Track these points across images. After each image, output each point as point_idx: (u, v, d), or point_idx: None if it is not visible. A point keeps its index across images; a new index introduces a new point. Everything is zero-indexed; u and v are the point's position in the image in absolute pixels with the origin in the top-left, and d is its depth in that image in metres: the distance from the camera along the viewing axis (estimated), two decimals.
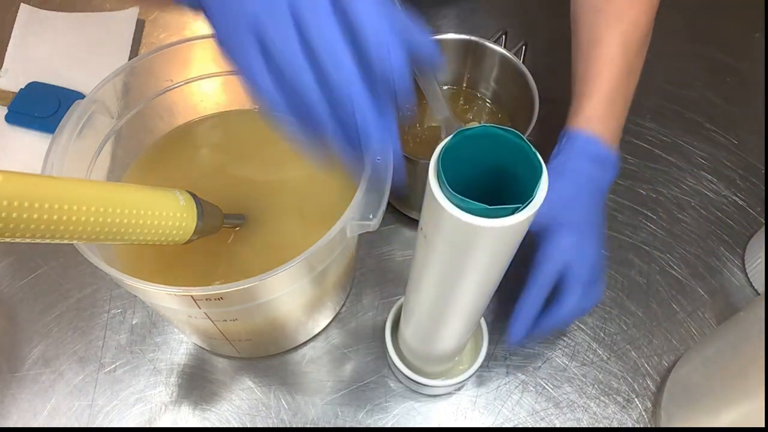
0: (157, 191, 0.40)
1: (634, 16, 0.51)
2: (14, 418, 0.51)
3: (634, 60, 0.51)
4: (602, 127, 0.48)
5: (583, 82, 0.50)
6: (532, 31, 0.64)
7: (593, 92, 0.49)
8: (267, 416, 0.51)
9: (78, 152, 0.43)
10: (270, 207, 0.50)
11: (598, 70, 0.50)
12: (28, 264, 0.59)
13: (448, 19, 0.77)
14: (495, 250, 0.29)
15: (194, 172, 0.52)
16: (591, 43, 0.51)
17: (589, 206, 0.47)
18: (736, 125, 0.69)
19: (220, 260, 0.47)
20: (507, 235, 0.28)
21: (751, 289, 0.59)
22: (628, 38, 0.50)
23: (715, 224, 0.62)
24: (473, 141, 0.28)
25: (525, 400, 0.52)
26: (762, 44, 0.76)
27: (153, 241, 0.39)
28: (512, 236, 0.28)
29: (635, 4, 0.51)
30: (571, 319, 0.48)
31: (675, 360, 0.54)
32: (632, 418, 0.52)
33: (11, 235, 0.29)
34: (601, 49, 0.50)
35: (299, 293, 0.45)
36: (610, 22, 0.51)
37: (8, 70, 0.70)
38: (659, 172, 0.66)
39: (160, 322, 0.56)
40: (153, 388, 0.53)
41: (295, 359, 0.54)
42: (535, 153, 0.27)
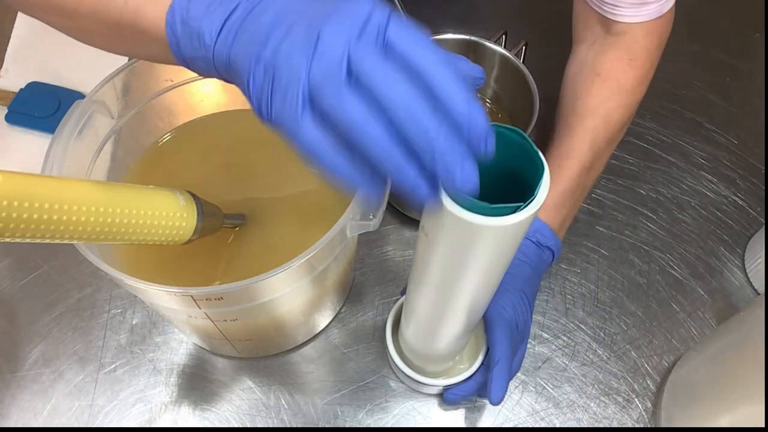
0: (157, 191, 0.40)
1: (607, 112, 0.53)
2: (14, 418, 0.51)
3: (600, 155, 0.53)
4: (555, 218, 0.51)
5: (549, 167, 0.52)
6: (532, 31, 0.64)
7: (553, 183, 0.51)
8: (267, 416, 0.51)
9: (78, 152, 0.43)
10: (270, 207, 0.50)
11: (561, 163, 0.52)
12: (28, 264, 0.59)
13: (448, 19, 0.77)
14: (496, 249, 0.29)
15: (194, 172, 0.52)
16: (564, 130, 0.53)
17: (526, 281, 0.49)
18: (736, 125, 0.69)
19: (220, 260, 0.47)
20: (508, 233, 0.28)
21: (751, 289, 0.59)
22: (597, 134, 0.52)
23: (715, 224, 0.62)
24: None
25: (525, 400, 0.52)
26: (762, 44, 0.76)
27: (153, 241, 0.39)
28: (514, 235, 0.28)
29: (612, 99, 0.53)
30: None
31: (675, 360, 0.54)
32: (632, 418, 0.52)
33: (11, 235, 0.29)
34: (570, 141, 0.52)
35: (299, 293, 0.45)
36: (583, 114, 0.53)
37: (8, 70, 0.70)
38: (659, 172, 0.66)
39: (160, 322, 0.56)
40: (153, 388, 0.53)
41: (295, 359, 0.54)
42: (537, 151, 0.27)
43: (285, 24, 0.26)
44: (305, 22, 0.26)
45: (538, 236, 0.50)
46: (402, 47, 0.25)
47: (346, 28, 0.25)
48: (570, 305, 0.57)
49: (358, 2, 0.25)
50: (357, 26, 0.25)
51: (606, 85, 0.53)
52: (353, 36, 0.24)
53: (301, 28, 0.26)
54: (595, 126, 0.52)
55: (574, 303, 0.57)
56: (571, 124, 0.53)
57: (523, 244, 0.49)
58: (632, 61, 0.53)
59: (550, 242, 0.50)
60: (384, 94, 0.24)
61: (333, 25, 0.25)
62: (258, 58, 0.27)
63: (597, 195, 0.64)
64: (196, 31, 0.29)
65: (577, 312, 0.57)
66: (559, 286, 0.58)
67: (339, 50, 0.24)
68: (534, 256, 0.49)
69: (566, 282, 0.58)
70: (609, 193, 0.64)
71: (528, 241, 0.50)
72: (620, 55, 0.53)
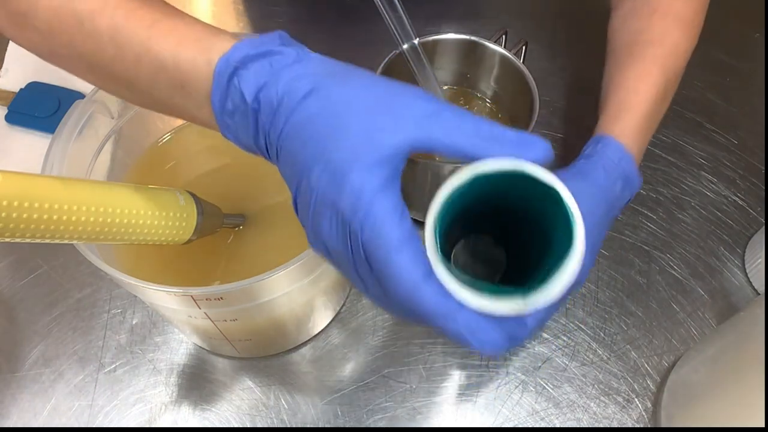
0: (157, 191, 0.40)
1: (674, 40, 0.50)
2: (14, 418, 0.51)
3: (671, 85, 0.50)
4: (635, 143, 0.46)
5: (620, 93, 0.48)
6: (532, 31, 0.64)
7: (632, 105, 0.47)
8: (267, 416, 0.51)
9: (78, 152, 0.44)
10: (270, 207, 0.50)
11: (636, 84, 0.48)
12: (28, 264, 0.58)
13: (448, 19, 0.77)
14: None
15: (194, 172, 0.52)
16: (630, 57, 0.49)
17: (598, 219, 0.43)
18: (736, 125, 0.69)
19: (220, 260, 0.47)
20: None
21: (751, 289, 0.59)
22: (666, 61, 0.49)
23: (715, 224, 0.62)
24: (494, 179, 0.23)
25: (525, 400, 0.52)
26: (762, 44, 0.76)
27: (153, 241, 0.39)
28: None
29: (676, 29, 0.50)
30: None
31: (675, 360, 0.54)
32: (632, 418, 0.52)
33: (11, 235, 0.29)
34: (641, 64, 0.48)
35: (299, 293, 0.45)
36: (649, 43, 0.49)
37: (8, 70, 0.70)
38: (659, 172, 0.66)
39: (160, 322, 0.56)
40: (153, 388, 0.53)
41: (295, 359, 0.54)
42: (574, 217, 0.23)
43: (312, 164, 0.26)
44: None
45: (623, 165, 0.44)
46: (375, 266, 0.24)
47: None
48: (570, 305, 0.57)
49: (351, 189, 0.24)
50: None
51: (667, 18, 0.50)
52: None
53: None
54: (664, 53, 0.49)
55: (574, 303, 0.57)
56: (637, 53, 0.49)
57: (599, 177, 0.43)
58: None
59: (632, 173, 0.45)
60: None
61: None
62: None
63: None
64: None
65: (577, 312, 0.57)
66: None
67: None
68: (610, 190, 0.44)
69: None
70: None
71: (609, 171, 0.44)
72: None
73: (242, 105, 0.27)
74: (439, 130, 0.24)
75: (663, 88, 0.48)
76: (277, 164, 0.29)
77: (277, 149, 0.28)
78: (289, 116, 0.26)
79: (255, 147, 0.29)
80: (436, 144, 0.24)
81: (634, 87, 0.48)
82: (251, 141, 0.29)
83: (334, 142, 0.25)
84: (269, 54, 0.28)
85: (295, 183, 0.27)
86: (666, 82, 0.49)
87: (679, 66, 0.50)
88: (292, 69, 0.27)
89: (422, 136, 0.24)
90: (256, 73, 0.27)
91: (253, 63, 0.27)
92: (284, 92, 0.26)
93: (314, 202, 0.25)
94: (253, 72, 0.27)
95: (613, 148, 0.45)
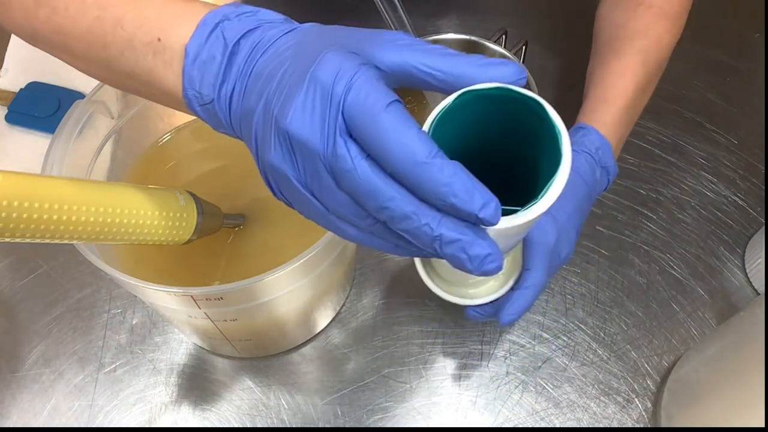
0: (157, 191, 0.40)
1: (657, 33, 0.51)
2: (14, 418, 0.51)
3: (652, 78, 0.51)
4: (613, 134, 0.48)
5: (602, 87, 0.50)
6: (532, 31, 0.64)
7: (611, 99, 0.49)
8: (267, 416, 0.51)
9: (78, 152, 0.44)
10: (270, 207, 0.50)
11: (616, 78, 0.49)
12: (28, 264, 0.58)
13: (448, 19, 0.77)
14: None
15: (194, 172, 0.52)
16: (612, 52, 0.51)
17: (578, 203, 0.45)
18: (736, 125, 0.69)
19: (220, 260, 0.47)
20: (512, 233, 0.24)
21: (751, 289, 0.59)
22: (648, 55, 0.50)
23: (715, 224, 0.62)
24: (481, 103, 0.23)
25: (525, 400, 0.52)
26: (762, 44, 0.76)
27: (153, 241, 0.39)
28: (518, 236, 0.26)
29: (659, 22, 0.51)
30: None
31: (675, 360, 0.54)
32: (632, 418, 0.52)
33: (11, 235, 0.29)
34: (622, 59, 0.50)
35: (299, 293, 0.45)
36: (632, 36, 0.51)
37: (8, 70, 0.70)
38: (659, 172, 0.66)
39: (160, 322, 0.56)
40: (153, 388, 0.53)
41: (295, 359, 0.54)
42: (559, 131, 0.23)
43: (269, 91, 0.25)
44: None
45: (600, 154, 0.47)
46: (359, 132, 0.22)
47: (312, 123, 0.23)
48: (570, 305, 0.57)
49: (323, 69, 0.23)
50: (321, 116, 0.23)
51: (650, 11, 0.51)
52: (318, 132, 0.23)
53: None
54: (646, 46, 0.50)
55: (574, 303, 0.57)
56: (619, 47, 0.51)
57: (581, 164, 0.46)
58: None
59: (609, 162, 0.47)
60: (362, 188, 0.22)
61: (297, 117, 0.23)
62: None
63: None
64: (214, 112, 0.29)
65: (577, 312, 0.57)
66: (559, 286, 0.58)
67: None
68: (591, 176, 0.46)
69: (566, 282, 0.58)
70: (609, 193, 0.64)
71: (588, 158, 0.46)
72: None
73: (219, 52, 0.27)
74: (418, 56, 0.24)
75: (644, 81, 0.50)
76: (233, 120, 0.28)
77: (242, 91, 0.27)
78: (270, 46, 0.26)
79: (215, 103, 0.28)
80: (414, 68, 0.23)
81: (613, 82, 0.49)
82: (213, 93, 0.28)
83: (311, 48, 0.24)
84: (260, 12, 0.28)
85: (263, 100, 0.25)
86: (647, 75, 0.50)
87: (661, 58, 0.51)
88: (277, 24, 0.28)
89: (399, 59, 0.24)
90: (242, 22, 0.27)
91: (240, 16, 0.28)
92: (267, 34, 0.27)
93: (285, 90, 0.24)
94: (238, 22, 0.27)
95: (592, 138, 0.47)
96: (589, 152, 0.46)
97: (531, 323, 0.56)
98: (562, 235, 0.43)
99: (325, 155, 0.22)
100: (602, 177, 0.47)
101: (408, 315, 0.56)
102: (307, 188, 0.24)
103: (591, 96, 0.51)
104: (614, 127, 0.48)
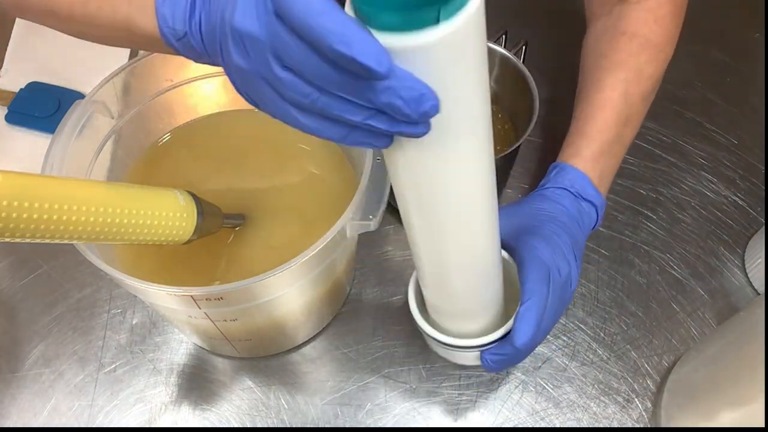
0: (157, 191, 0.40)
1: (638, 64, 0.50)
2: (14, 418, 0.51)
3: (635, 109, 0.51)
4: (593, 169, 0.48)
5: (581, 121, 0.50)
6: (532, 31, 0.64)
7: (590, 133, 0.49)
8: (267, 416, 0.51)
9: (78, 152, 0.44)
10: (270, 207, 0.50)
11: (596, 112, 0.49)
12: (28, 264, 0.59)
13: None
14: (452, 92, 0.24)
15: (194, 172, 0.52)
16: (593, 85, 0.51)
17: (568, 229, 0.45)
18: (736, 125, 0.69)
19: (220, 260, 0.47)
20: (444, 56, 0.22)
21: (751, 289, 0.59)
22: (629, 86, 0.50)
23: (715, 224, 0.62)
24: None
25: (525, 400, 0.52)
26: (762, 44, 0.76)
27: (153, 241, 0.39)
28: (459, 60, 0.23)
29: (642, 53, 0.50)
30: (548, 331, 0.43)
31: (675, 360, 0.54)
32: (632, 418, 0.52)
33: (11, 235, 0.29)
34: (602, 92, 0.50)
35: (299, 293, 0.45)
36: (613, 68, 0.50)
37: (8, 70, 0.70)
38: (659, 172, 0.66)
39: (160, 322, 0.56)
40: (153, 388, 0.53)
41: (295, 359, 0.54)
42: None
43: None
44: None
45: (577, 187, 0.47)
46: (279, 7, 0.24)
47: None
48: (570, 305, 0.57)
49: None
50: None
51: (634, 41, 0.51)
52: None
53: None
54: (626, 78, 0.50)
55: (574, 303, 0.57)
56: (600, 78, 0.51)
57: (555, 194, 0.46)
58: (658, 20, 0.51)
59: (589, 193, 0.47)
60: (298, 57, 0.25)
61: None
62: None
63: None
64: (189, 44, 0.32)
65: (577, 312, 0.57)
66: None
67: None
68: (571, 206, 0.46)
69: None
70: (609, 193, 0.64)
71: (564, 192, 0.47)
72: (644, 16, 0.51)
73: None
74: None
75: (625, 113, 0.50)
76: (207, 45, 0.31)
77: (207, 15, 0.31)
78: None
79: (187, 36, 0.32)
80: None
81: (592, 114, 0.50)
82: (185, 26, 0.31)
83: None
84: None
85: (221, 14, 0.29)
86: (628, 108, 0.50)
87: (644, 90, 0.51)
88: None
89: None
90: None
91: None
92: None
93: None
94: None
95: (565, 173, 0.48)
96: (564, 187, 0.47)
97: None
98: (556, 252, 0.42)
99: (267, 40, 0.26)
100: (589, 209, 0.47)
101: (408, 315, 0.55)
102: (262, 78, 0.27)
103: (571, 130, 0.51)
104: (593, 161, 0.48)
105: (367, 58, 0.21)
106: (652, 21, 0.51)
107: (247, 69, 0.28)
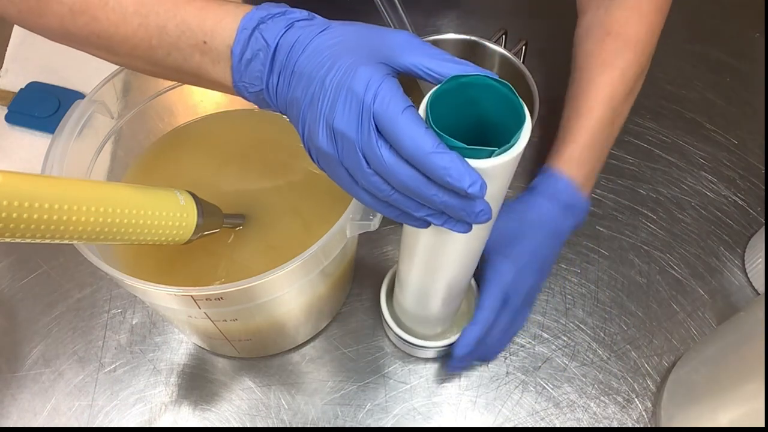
0: (157, 191, 0.40)
1: (623, 64, 0.52)
2: (14, 418, 0.51)
3: (619, 107, 0.53)
4: (578, 171, 0.51)
5: (567, 126, 0.53)
6: (532, 31, 0.64)
7: (574, 137, 0.52)
8: (267, 416, 0.51)
9: (78, 152, 0.44)
10: (270, 207, 0.50)
11: (581, 116, 0.52)
12: (28, 264, 0.59)
13: (448, 19, 0.77)
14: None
15: (194, 172, 0.52)
16: (579, 88, 0.54)
17: (540, 246, 0.49)
18: (736, 125, 0.69)
19: (220, 260, 0.47)
20: (489, 177, 0.29)
21: (751, 289, 0.59)
22: (614, 88, 0.52)
23: (715, 224, 0.62)
24: (465, 89, 0.29)
25: (525, 400, 0.52)
26: (762, 44, 0.76)
27: (153, 241, 0.39)
28: (496, 180, 0.30)
29: (626, 54, 0.52)
30: (500, 344, 0.52)
31: (675, 360, 0.54)
32: (632, 418, 0.52)
33: (11, 235, 0.29)
34: (587, 95, 0.53)
35: (299, 293, 0.45)
36: (599, 69, 0.53)
37: (8, 70, 0.70)
38: (659, 172, 0.66)
39: (160, 322, 0.56)
40: (153, 388, 0.53)
41: (295, 359, 0.54)
42: (522, 104, 0.29)
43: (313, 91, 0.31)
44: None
45: (561, 191, 0.50)
46: (384, 129, 0.28)
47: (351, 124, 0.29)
48: (570, 305, 0.57)
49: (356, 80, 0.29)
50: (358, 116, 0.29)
51: (618, 41, 0.53)
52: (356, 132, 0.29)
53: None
54: (611, 80, 0.52)
55: (574, 303, 0.57)
56: (586, 79, 0.53)
57: (538, 205, 0.50)
58: (642, 17, 0.53)
59: (574, 198, 0.50)
60: (385, 169, 0.29)
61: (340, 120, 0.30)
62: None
63: (597, 195, 0.64)
64: (262, 98, 0.34)
65: (577, 312, 0.57)
66: (559, 286, 0.58)
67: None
68: (552, 217, 0.49)
69: (566, 282, 0.58)
70: (609, 193, 0.64)
71: (546, 203, 0.50)
72: (628, 13, 0.53)
73: (262, 50, 0.33)
74: (423, 60, 0.30)
75: (610, 114, 0.52)
76: (279, 105, 0.34)
77: (287, 84, 0.32)
78: (307, 46, 0.32)
79: (264, 92, 0.34)
80: (419, 70, 0.30)
81: (576, 116, 0.52)
82: (263, 83, 0.33)
83: (345, 56, 0.30)
84: (288, 12, 0.33)
85: (309, 96, 0.31)
86: (613, 109, 0.52)
87: (628, 89, 0.53)
88: (306, 21, 0.33)
89: (409, 62, 0.30)
90: (276, 24, 0.33)
91: (274, 18, 0.33)
92: (301, 34, 0.32)
93: (329, 95, 0.30)
94: (274, 23, 0.33)
95: (551, 179, 0.51)
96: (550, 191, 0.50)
97: (531, 323, 0.56)
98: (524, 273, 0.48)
99: (360, 145, 0.29)
100: (568, 213, 0.50)
101: None
102: (342, 165, 0.31)
103: (559, 135, 0.54)
104: (580, 163, 0.51)
105: (474, 189, 0.27)
106: (637, 19, 0.53)
107: (331, 155, 0.31)
